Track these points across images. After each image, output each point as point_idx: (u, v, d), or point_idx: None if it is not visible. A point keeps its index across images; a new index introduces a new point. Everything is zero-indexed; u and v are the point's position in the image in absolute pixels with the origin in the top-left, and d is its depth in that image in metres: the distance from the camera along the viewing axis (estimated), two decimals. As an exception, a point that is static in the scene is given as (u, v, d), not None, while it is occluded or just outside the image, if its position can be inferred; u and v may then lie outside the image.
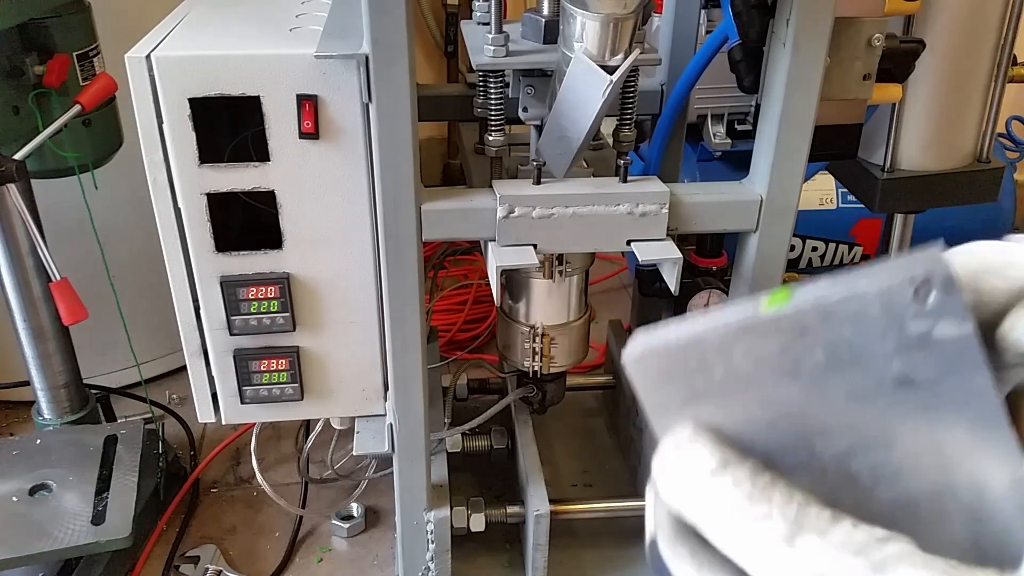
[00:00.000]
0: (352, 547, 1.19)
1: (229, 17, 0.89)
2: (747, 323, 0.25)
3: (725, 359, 0.26)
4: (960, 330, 0.22)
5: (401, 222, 0.78)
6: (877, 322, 0.23)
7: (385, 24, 0.70)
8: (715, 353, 0.26)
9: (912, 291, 0.22)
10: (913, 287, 0.22)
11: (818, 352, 0.24)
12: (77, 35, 1.05)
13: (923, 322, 0.23)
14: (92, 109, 1.02)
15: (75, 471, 1.10)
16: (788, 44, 0.76)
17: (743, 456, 0.26)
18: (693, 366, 0.27)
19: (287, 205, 0.83)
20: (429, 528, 0.96)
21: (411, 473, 0.93)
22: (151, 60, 0.76)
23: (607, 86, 0.71)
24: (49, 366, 1.17)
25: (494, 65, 0.82)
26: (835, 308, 0.24)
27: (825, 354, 0.24)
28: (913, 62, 0.89)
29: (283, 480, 1.28)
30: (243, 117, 0.80)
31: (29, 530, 1.02)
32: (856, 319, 0.24)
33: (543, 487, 0.99)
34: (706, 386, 0.27)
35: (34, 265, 1.10)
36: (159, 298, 0.96)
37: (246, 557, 1.17)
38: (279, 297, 0.85)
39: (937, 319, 0.23)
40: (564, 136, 0.78)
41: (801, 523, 0.23)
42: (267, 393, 0.90)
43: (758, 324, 0.25)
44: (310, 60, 0.76)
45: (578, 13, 0.72)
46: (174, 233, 0.83)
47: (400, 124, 0.74)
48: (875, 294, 0.23)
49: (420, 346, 0.84)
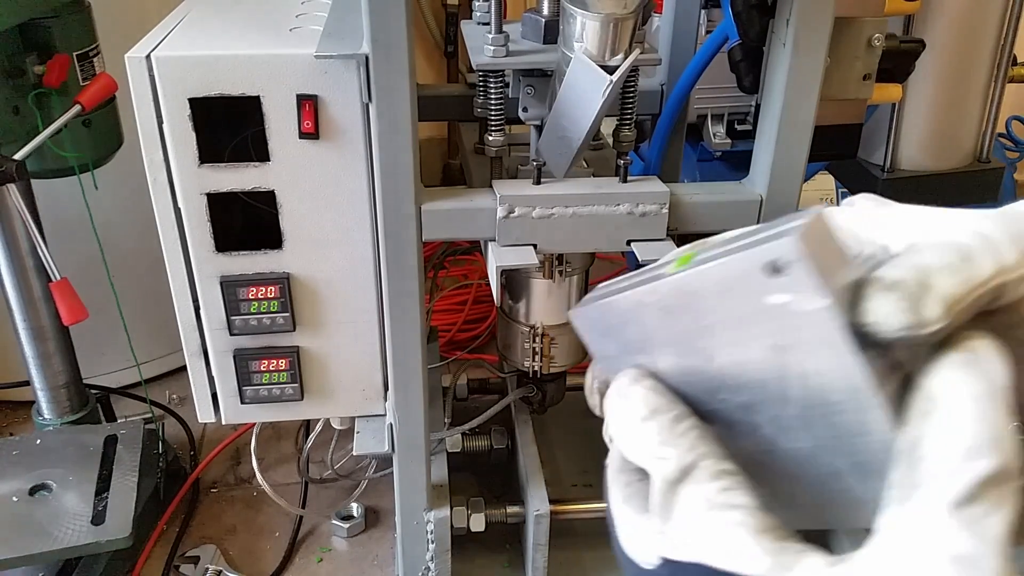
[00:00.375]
0: (352, 547, 1.19)
1: (229, 17, 0.89)
2: (654, 286, 0.28)
3: (639, 317, 0.30)
4: (815, 304, 0.24)
5: (401, 222, 0.78)
6: (742, 293, 0.26)
7: (385, 24, 0.70)
8: (632, 312, 0.30)
9: (769, 269, 0.24)
10: (769, 266, 0.24)
11: (707, 314, 0.27)
12: (77, 35, 1.04)
13: (781, 296, 0.25)
14: (92, 109, 1.02)
15: (75, 471, 1.10)
16: (788, 44, 0.76)
17: (674, 404, 0.29)
18: (617, 322, 0.31)
19: (287, 205, 0.83)
20: (429, 528, 0.96)
21: (411, 473, 0.93)
22: (151, 60, 0.76)
23: (607, 86, 0.71)
24: (49, 366, 1.17)
25: (494, 65, 0.82)
26: (710, 277, 0.26)
27: (712, 317, 0.27)
28: (913, 62, 0.89)
29: (283, 480, 1.28)
30: (243, 117, 0.80)
31: (29, 530, 1.02)
32: (727, 289, 0.26)
33: (543, 487, 0.99)
34: (633, 339, 0.30)
35: (34, 265, 1.10)
36: (159, 298, 0.96)
37: (246, 557, 1.17)
38: (279, 297, 0.85)
39: (794, 293, 0.24)
40: (564, 136, 0.78)
41: (688, 472, 0.27)
42: (267, 393, 0.90)
43: (660, 287, 0.28)
44: (310, 60, 0.76)
45: (578, 13, 0.72)
46: (174, 233, 0.83)
47: (400, 124, 0.74)
48: (737, 269, 0.25)
49: (420, 346, 0.84)
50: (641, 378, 0.30)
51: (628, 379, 0.31)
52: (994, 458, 0.23)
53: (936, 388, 0.25)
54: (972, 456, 0.23)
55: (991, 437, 0.23)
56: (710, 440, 0.28)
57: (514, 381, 1.12)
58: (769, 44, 0.80)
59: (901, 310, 0.25)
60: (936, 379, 0.25)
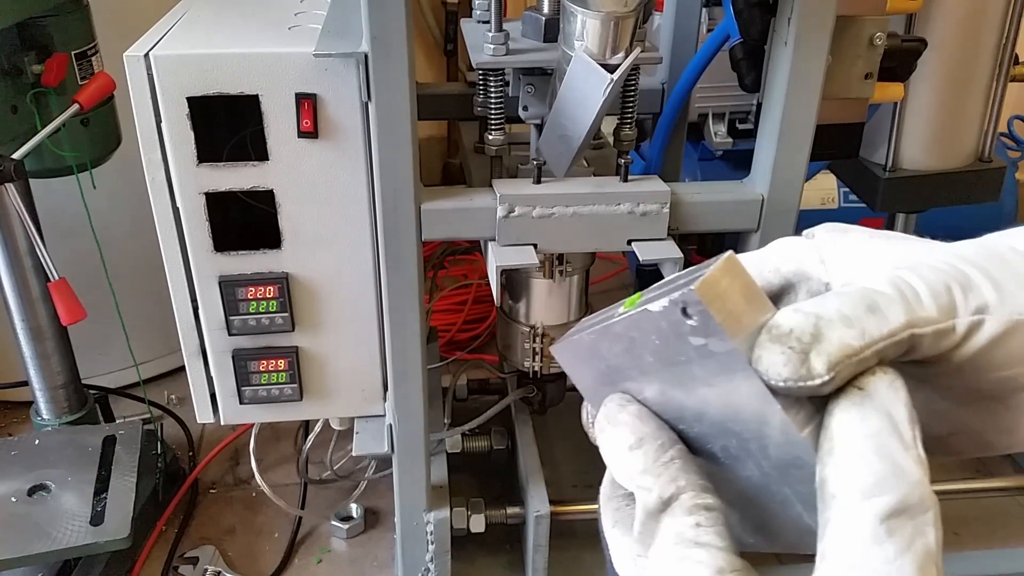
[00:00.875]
0: (351, 548, 1.19)
1: (228, 15, 0.89)
2: (606, 327, 0.30)
3: (604, 353, 0.31)
4: (723, 347, 0.25)
5: (401, 221, 0.78)
6: (672, 335, 0.27)
7: (384, 22, 0.70)
8: (596, 348, 0.31)
9: (682, 314, 0.26)
10: (681, 312, 0.26)
11: (654, 352, 0.28)
12: (75, 34, 1.04)
13: (698, 339, 0.26)
14: (90, 108, 1.01)
15: (74, 471, 1.10)
16: (790, 43, 0.76)
17: (659, 432, 0.30)
18: (587, 356, 0.32)
19: (286, 204, 0.82)
20: (429, 529, 0.96)
21: (411, 474, 0.93)
22: (149, 59, 0.76)
23: (608, 85, 0.71)
24: (47, 366, 1.16)
25: (494, 64, 0.81)
26: (641, 321, 0.28)
27: (652, 355, 0.28)
28: (915, 61, 0.89)
29: (282, 481, 1.28)
30: (242, 116, 0.79)
31: (28, 531, 1.01)
32: (659, 331, 0.27)
33: (543, 488, 0.99)
34: (605, 370, 0.32)
35: (32, 265, 1.09)
36: (158, 298, 0.96)
37: (245, 558, 1.16)
38: (278, 297, 0.85)
39: (705, 337, 0.26)
40: (564, 135, 0.78)
41: (668, 504, 0.28)
42: (266, 393, 0.90)
43: (610, 328, 0.30)
44: (309, 58, 0.76)
45: (579, 11, 0.72)
46: (172, 233, 0.83)
47: (399, 123, 0.74)
48: (659, 315, 0.27)
49: (420, 346, 0.84)
50: (627, 404, 0.31)
51: (615, 405, 0.31)
52: (894, 493, 0.23)
53: (834, 428, 0.25)
54: (870, 494, 0.23)
55: (890, 472, 0.23)
56: (692, 471, 0.28)
57: (514, 381, 1.12)
58: (770, 43, 0.79)
59: (785, 362, 0.25)
60: (834, 420, 0.25)
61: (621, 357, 0.30)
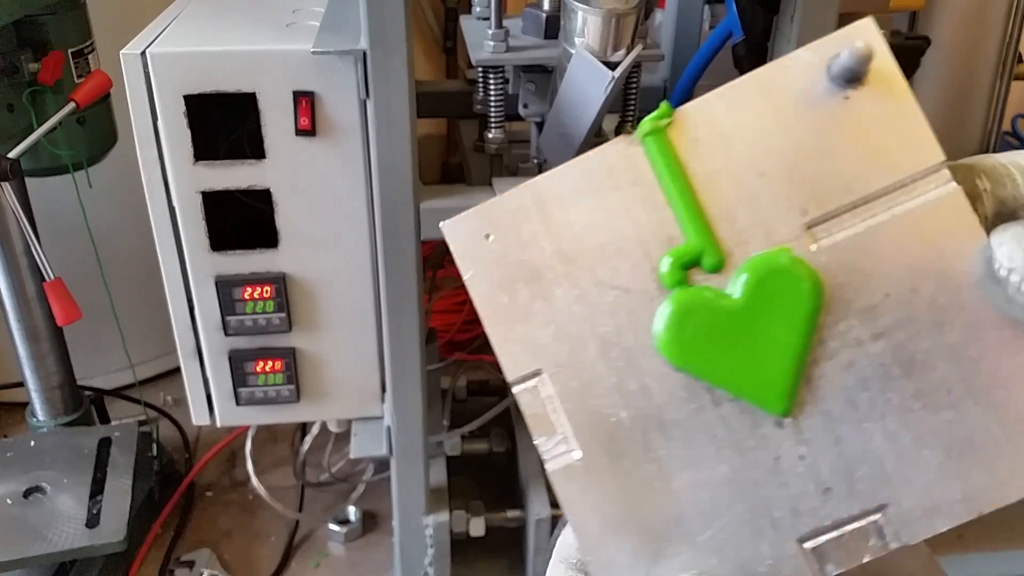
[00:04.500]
0: (349, 552, 1.18)
1: (225, 13, 0.88)
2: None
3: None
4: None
5: (399, 221, 0.77)
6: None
7: (383, 19, 0.70)
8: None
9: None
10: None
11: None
12: (72, 32, 1.04)
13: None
14: (87, 106, 1.01)
15: (69, 473, 1.09)
16: (792, 40, 0.75)
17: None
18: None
19: (283, 203, 0.82)
20: (428, 533, 0.95)
21: (409, 476, 0.92)
22: (146, 56, 0.76)
23: (609, 82, 0.70)
24: (43, 367, 1.16)
25: (494, 61, 0.81)
26: None
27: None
28: (919, 59, 0.88)
29: (279, 483, 1.27)
30: (239, 114, 0.79)
31: (23, 533, 1.01)
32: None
33: (544, 491, 0.98)
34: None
35: (28, 264, 1.09)
36: (154, 298, 0.95)
37: (242, 562, 1.15)
38: (275, 297, 0.84)
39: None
40: (565, 133, 0.77)
41: None
42: (263, 395, 0.89)
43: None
44: (307, 56, 0.75)
45: (579, 8, 0.71)
46: (169, 232, 0.83)
47: (398, 121, 0.73)
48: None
49: (418, 347, 0.83)
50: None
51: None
52: None
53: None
54: None
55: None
56: None
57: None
58: (773, 40, 0.79)
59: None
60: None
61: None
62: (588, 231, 0.27)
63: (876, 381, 0.25)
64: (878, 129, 0.25)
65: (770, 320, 0.26)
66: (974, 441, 0.25)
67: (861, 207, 0.25)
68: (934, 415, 0.25)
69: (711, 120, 0.27)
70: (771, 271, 0.26)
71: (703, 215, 0.26)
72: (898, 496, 0.25)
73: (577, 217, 0.28)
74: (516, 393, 0.29)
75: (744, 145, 0.26)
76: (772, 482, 0.27)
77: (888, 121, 0.25)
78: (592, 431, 0.28)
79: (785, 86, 0.26)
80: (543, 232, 0.28)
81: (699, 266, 0.26)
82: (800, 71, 0.26)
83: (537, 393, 0.29)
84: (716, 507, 0.27)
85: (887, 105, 0.25)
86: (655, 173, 0.27)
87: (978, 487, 0.25)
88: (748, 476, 0.27)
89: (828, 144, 0.26)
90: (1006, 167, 0.29)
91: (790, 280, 0.26)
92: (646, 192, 0.27)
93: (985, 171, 0.29)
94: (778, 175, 0.26)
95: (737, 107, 0.27)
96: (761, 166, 0.26)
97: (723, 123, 0.27)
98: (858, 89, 0.24)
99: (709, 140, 0.27)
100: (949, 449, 0.25)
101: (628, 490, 0.28)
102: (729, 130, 0.26)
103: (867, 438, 0.25)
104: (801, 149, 0.26)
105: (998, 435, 0.24)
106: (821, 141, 0.26)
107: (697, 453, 0.27)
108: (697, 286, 0.27)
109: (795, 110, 0.26)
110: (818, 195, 0.26)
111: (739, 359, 0.26)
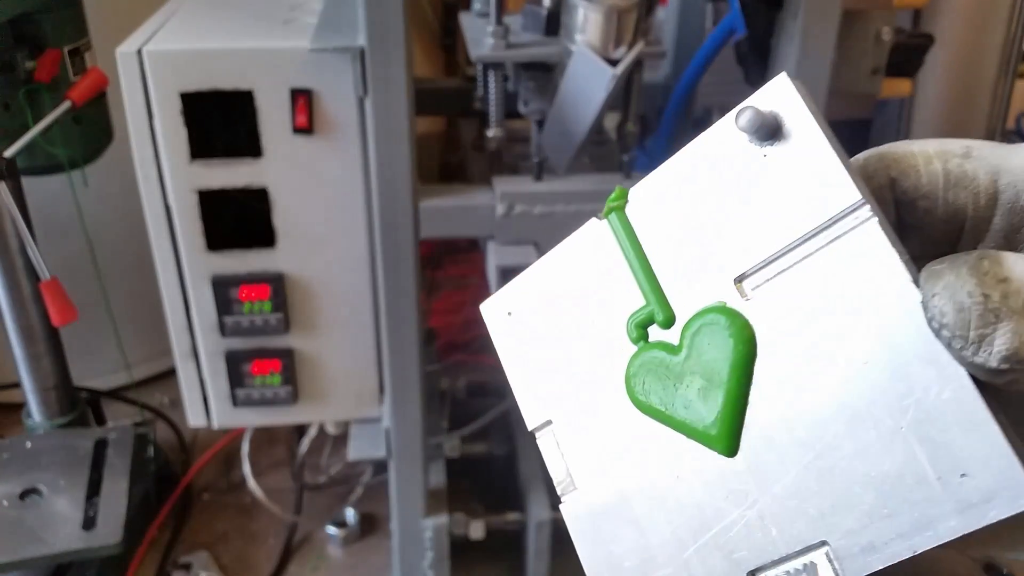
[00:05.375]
0: (347, 555, 1.17)
1: (221, 10, 0.88)
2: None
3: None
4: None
5: (398, 220, 0.77)
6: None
7: (381, 16, 0.69)
8: None
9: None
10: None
11: None
12: (68, 30, 1.03)
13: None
14: (83, 105, 1.00)
15: (65, 475, 1.09)
16: (796, 37, 0.75)
17: None
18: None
19: (280, 202, 0.81)
20: (427, 535, 0.94)
21: (408, 479, 0.91)
22: (142, 54, 0.75)
23: (610, 80, 0.70)
24: (39, 368, 1.15)
25: (494, 58, 0.80)
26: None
27: None
28: (923, 57, 0.87)
29: (276, 486, 1.26)
30: (235, 112, 0.78)
31: (20, 535, 1.00)
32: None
33: (544, 493, 0.97)
34: None
35: (23, 264, 1.08)
36: (150, 298, 0.95)
37: (239, 564, 1.15)
38: (272, 297, 0.84)
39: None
40: (566, 131, 0.76)
41: None
42: (259, 396, 0.89)
43: None
44: (304, 53, 0.75)
45: (580, 4, 0.70)
46: (165, 231, 0.82)
47: (396, 119, 0.72)
48: None
49: (417, 348, 0.83)
50: None
51: None
52: None
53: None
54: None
55: None
56: None
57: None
58: (776, 37, 0.78)
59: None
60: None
61: None
62: (578, 299, 0.33)
63: (811, 423, 0.27)
64: (796, 179, 0.26)
65: (709, 367, 0.29)
66: (905, 480, 0.26)
67: (786, 255, 0.27)
68: (866, 455, 0.26)
69: (656, 195, 0.30)
70: (705, 323, 0.29)
71: (654, 279, 0.30)
72: (834, 534, 0.27)
73: (570, 288, 0.33)
74: (537, 439, 0.35)
75: (681, 213, 0.30)
76: (725, 517, 0.29)
77: (805, 170, 0.26)
78: (592, 474, 0.33)
79: (709, 151, 0.29)
80: (547, 305, 0.33)
81: (655, 323, 0.31)
82: (722, 134, 0.28)
83: (550, 439, 0.34)
84: (677, 541, 0.30)
85: (802, 156, 0.26)
86: (619, 246, 0.31)
87: (912, 525, 0.26)
88: (705, 511, 0.30)
89: (751, 199, 0.28)
90: (914, 156, 0.29)
91: (723, 330, 0.29)
92: (615, 263, 0.31)
93: (895, 159, 0.28)
94: (711, 234, 0.29)
95: (673, 179, 0.30)
96: (696, 228, 0.29)
97: (664, 196, 0.30)
98: (774, 145, 0.25)
99: (654, 212, 0.30)
100: (880, 488, 0.26)
101: (620, 530, 0.32)
102: (669, 200, 0.30)
103: (805, 477, 0.27)
104: (727, 207, 0.29)
105: (929, 474, 0.25)
106: (744, 197, 0.28)
107: (663, 491, 0.31)
108: (653, 341, 0.31)
109: (719, 171, 0.29)
110: (747, 248, 0.28)
111: (686, 404, 0.30)
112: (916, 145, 0.29)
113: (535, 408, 0.34)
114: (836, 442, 0.27)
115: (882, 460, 0.26)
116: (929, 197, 0.28)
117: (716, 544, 0.29)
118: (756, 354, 0.28)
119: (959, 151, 0.28)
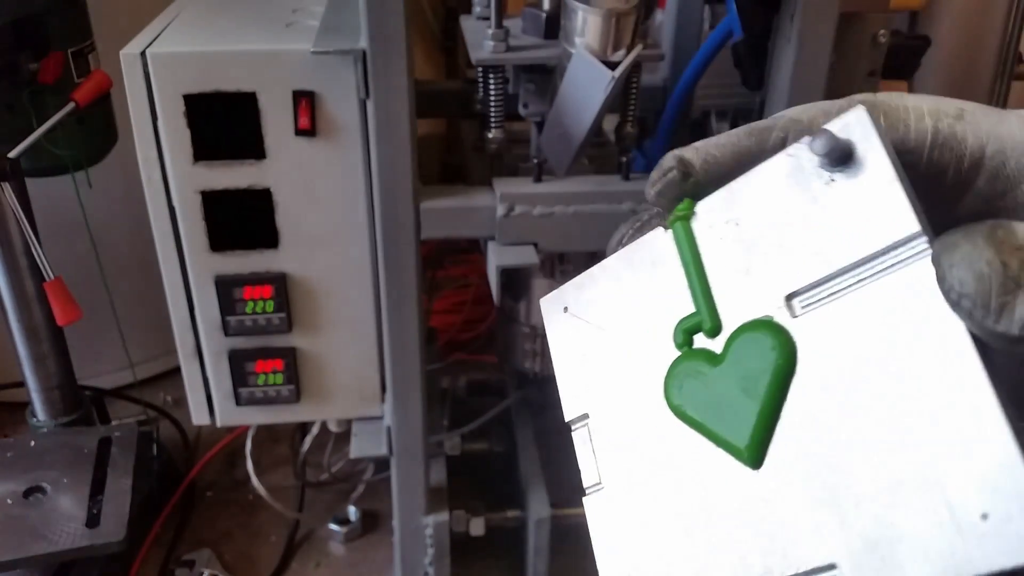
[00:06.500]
0: (350, 552, 1.18)
1: (225, 12, 0.88)
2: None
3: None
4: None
5: (399, 220, 0.77)
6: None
7: (383, 18, 0.69)
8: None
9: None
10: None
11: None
12: (72, 32, 1.03)
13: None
14: (86, 106, 1.00)
15: (69, 473, 1.09)
16: (792, 40, 0.75)
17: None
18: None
19: (283, 203, 0.82)
20: (428, 532, 0.95)
21: (409, 476, 0.92)
22: (146, 56, 0.75)
23: (609, 82, 0.70)
24: (43, 367, 1.15)
25: (494, 61, 0.80)
26: None
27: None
28: (919, 59, 0.88)
29: (279, 483, 1.26)
30: (239, 114, 0.79)
31: (24, 533, 1.00)
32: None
33: (544, 491, 0.98)
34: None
35: (28, 264, 1.08)
36: (153, 298, 0.95)
37: (242, 562, 1.15)
38: (275, 297, 0.84)
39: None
40: (565, 133, 0.77)
41: None
42: (262, 395, 0.89)
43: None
44: (307, 56, 0.75)
45: (579, 7, 0.71)
46: (168, 232, 0.82)
47: (398, 120, 0.73)
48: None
49: (418, 347, 0.83)
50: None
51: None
52: None
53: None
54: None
55: None
56: None
57: (514, 382, 1.11)
58: (773, 40, 0.79)
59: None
60: None
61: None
62: (632, 302, 0.33)
63: (837, 447, 0.27)
64: (858, 206, 0.27)
65: (747, 378, 0.29)
66: (927, 522, 0.25)
67: (838, 278, 0.27)
68: (889, 492, 0.26)
69: (721, 210, 0.31)
70: (750, 335, 0.29)
71: (708, 288, 0.31)
72: (845, 559, 0.27)
73: (626, 290, 0.34)
74: (572, 432, 0.36)
75: (742, 228, 0.30)
76: (742, 529, 0.29)
77: (869, 198, 0.27)
78: (618, 473, 0.33)
79: (779, 171, 0.29)
80: (602, 305, 0.34)
81: (702, 331, 0.31)
82: (794, 156, 0.29)
83: (584, 433, 0.35)
84: (692, 548, 0.30)
85: (869, 184, 0.27)
86: (679, 255, 0.31)
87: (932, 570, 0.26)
88: (724, 522, 0.30)
89: (812, 222, 0.28)
90: (907, 110, 0.28)
91: (766, 343, 0.29)
92: (670, 270, 0.32)
93: (886, 111, 0.28)
94: (769, 251, 0.29)
95: (740, 196, 0.30)
96: (754, 244, 0.30)
97: (728, 211, 0.30)
98: (843, 171, 0.26)
99: (717, 225, 0.31)
100: (901, 529, 0.26)
101: (639, 531, 0.32)
102: (733, 216, 0.30)
103: (822, 499, 0.27)
104: (788, 227, 0.29)
105: (948, 521, 0.24)
106: (806, 219, 0.28)
107: (687, 496, 0.31)
108: (697, 348, 0.31)
109: (786, 191, 0.29)
110: (802, 268, 0.28)
111: (719, 412, 0.30)
112: (910, 100, 0.29)
113: (575, 400, 0.36)
114: (861, 472, 0.26)
115: (907, 503, 0.25)
116: (914, 153, 0.28)
117: (731, 556, 0.29)
118: (795, 371, 0.28)
119: (952, 112, 0.28)
